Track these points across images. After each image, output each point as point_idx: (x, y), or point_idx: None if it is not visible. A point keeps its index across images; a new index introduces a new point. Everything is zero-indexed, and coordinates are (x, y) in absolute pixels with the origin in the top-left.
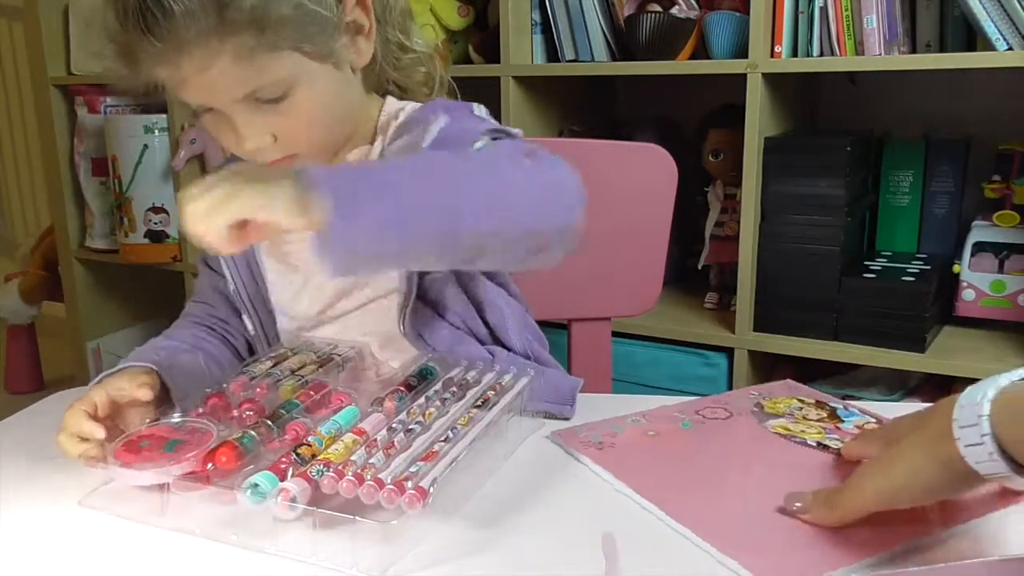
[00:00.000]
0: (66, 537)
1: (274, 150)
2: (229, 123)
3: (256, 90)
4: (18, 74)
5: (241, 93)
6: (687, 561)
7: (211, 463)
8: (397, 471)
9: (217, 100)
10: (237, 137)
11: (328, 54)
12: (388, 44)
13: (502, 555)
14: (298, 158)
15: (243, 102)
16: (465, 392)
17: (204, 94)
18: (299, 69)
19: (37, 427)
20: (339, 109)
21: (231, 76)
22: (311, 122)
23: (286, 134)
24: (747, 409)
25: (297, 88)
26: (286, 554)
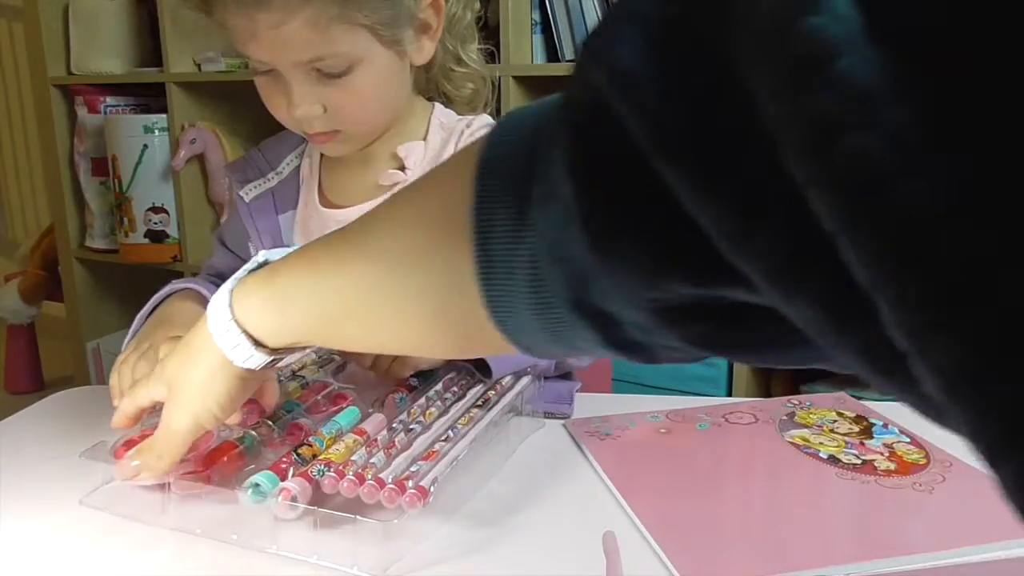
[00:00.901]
0: (67, 536)
1: (321, 121)
2: (283, 89)
3: (321, 58)
4: (18, 74)
5: (306, 57)
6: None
7: (212, 463)
8: (398, 470)
9: (280, 60)
10: (288, 103)
11: (395, 41)
12: (446, 52)
13: (503, 554)
14: (341, 135)
15: (304, 68)
16: (465, 392)
17: (270, 51)
18: (366, 48)
19: (37, 427)
20: (390, 97)
21: (301, 39)
22: (363, 102)
23: (337, 108)
24: (776, 417)
25: (359, 66)
26: (287, 553)
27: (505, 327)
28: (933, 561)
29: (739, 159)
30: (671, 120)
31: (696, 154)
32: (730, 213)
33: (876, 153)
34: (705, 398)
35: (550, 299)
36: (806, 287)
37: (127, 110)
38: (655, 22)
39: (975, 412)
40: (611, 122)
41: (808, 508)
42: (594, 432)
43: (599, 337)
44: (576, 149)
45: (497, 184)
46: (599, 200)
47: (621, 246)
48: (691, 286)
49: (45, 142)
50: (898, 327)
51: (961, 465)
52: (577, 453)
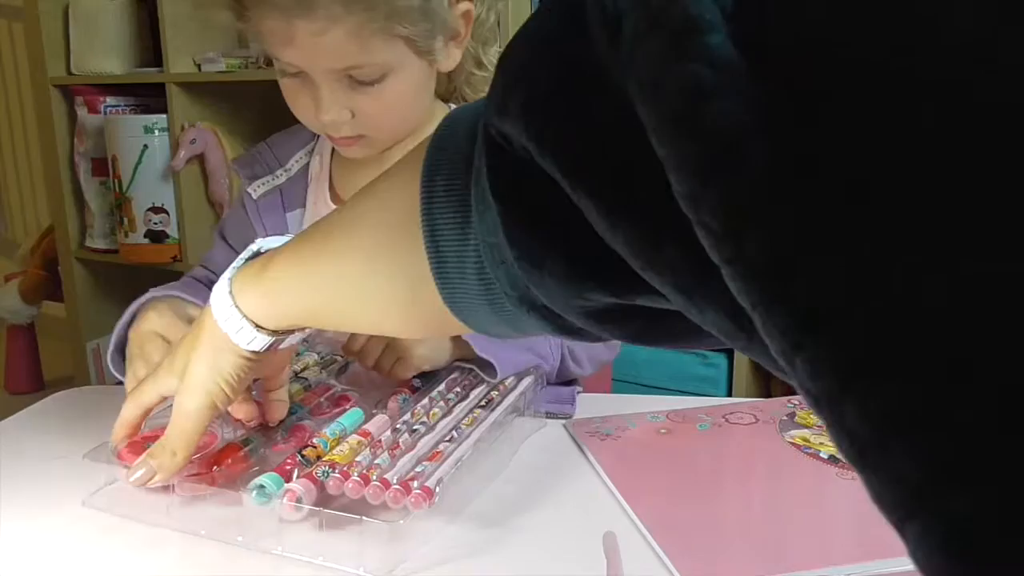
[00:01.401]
0: (69, 537)
1: (348, 126)
2: (311, 92)
3: (357, 67)
4: (18, 74)
5: (342, 65)
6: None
7: (216, 465)
8: (402, 471)
9: (315, 66)
10: (316, 107)
11: (430, 51)
12: (467, 56)
13: (505, 555)
14: (367, 139)
15: (337, 75)
16: (468, 393)
17: (306, 58)
18: (401, 58)
19: (37, 427)
20: (418, 104)
21: (340, 48)
22: (393, 109)
23: (365, 115)
24: (776, 417)
25: (392, 75)
26: (292, 555)
27: (466, 319)
28: None
29: (637, 188)
30: (576, 158)
31: (599, 186)
32: (636, 238)
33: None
34: (705, 398)
35: (499, 296)
36: (711, 298)
37: (127, 110)
38: (562, 59)
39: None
40: (528, 155)
41: (808, 508)
42: (594, 432)
43: (549, 326)
44: (498, 170)
45: (442, 186)
46: (520, 220)
47: (544, 262)
48: (610, 295)
49: (45, 142)
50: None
51: None
52: (577, 453)
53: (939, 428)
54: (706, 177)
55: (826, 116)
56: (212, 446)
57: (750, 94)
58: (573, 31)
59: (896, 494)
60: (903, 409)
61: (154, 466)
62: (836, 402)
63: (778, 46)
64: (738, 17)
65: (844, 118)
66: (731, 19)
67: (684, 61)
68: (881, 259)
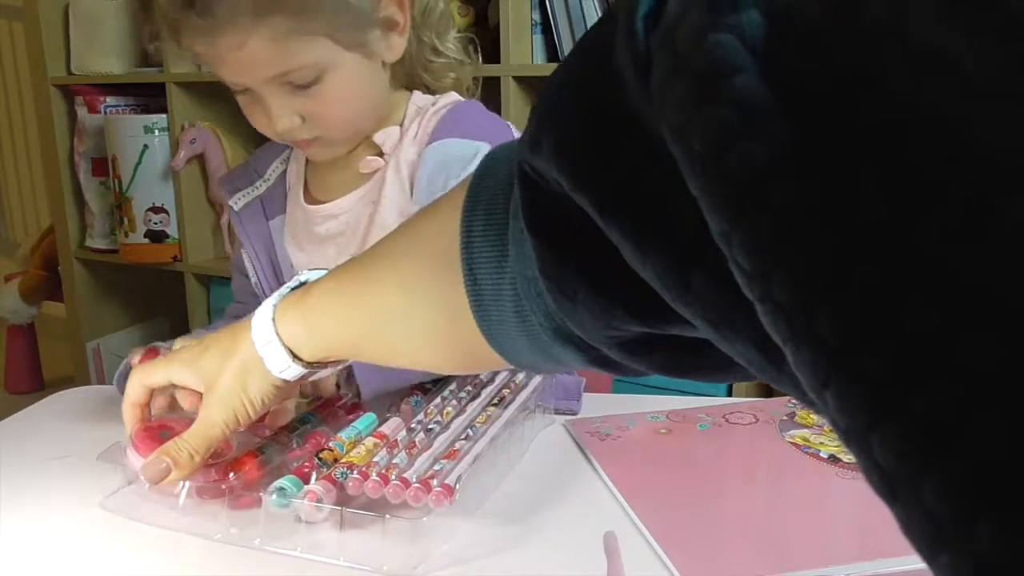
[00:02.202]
0: (71, 537)
1: (302, 131)
2: (261, 105)
3: (288, 72)
4: (18, 74)
5: (272, 73)
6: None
7: (233, 472)
8: (421, 470)
9: (250, 79)
10: (268, 118)
11: (359, 44)
12: (422, 45)
13: (510, 554)
14: (324, 139)
15: (275, 83)
16: (480, 391)
17: (238, 72)
18: (331, 56)
19: (37, 427)
20: (367, 98)
21: (264, 57)
22: (339, 107)
23: (314, 117)
24: (776, 417)
25: (328, 74)
26: (312, 556)
27: (502, 350)
28: None
29: (668, 222)
30: (608, 192)
31: (630, 220)
32: (666, 270)
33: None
34: (705, 398)
35: (534, 327)
36: (740, 330)
37: (127, 110)
38: (592, 99)
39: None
40: (562, 192)
41: (808, 508)
42: (594, 432)
43: (583, 357)
44: (532, 204)
45: (480, 221)
46: (554, 253)
47: (576, 293)
48: (641, 325)
49: (45, 142)
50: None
51: None
52: (577, 453)
53: (963, 461)
54: (733, 218)
55: (856, 153)
56: (228, 454)
57: (778, 132)
58: (603, 72)
59: (925, 528)
60: (928, 444)
61: (170, 464)
62: (864, 437)
63: (810, 82)
64: (769, 55)
65: (875, 156)
66: (762, 57)
67: (708, 105)
68: (899, 296)
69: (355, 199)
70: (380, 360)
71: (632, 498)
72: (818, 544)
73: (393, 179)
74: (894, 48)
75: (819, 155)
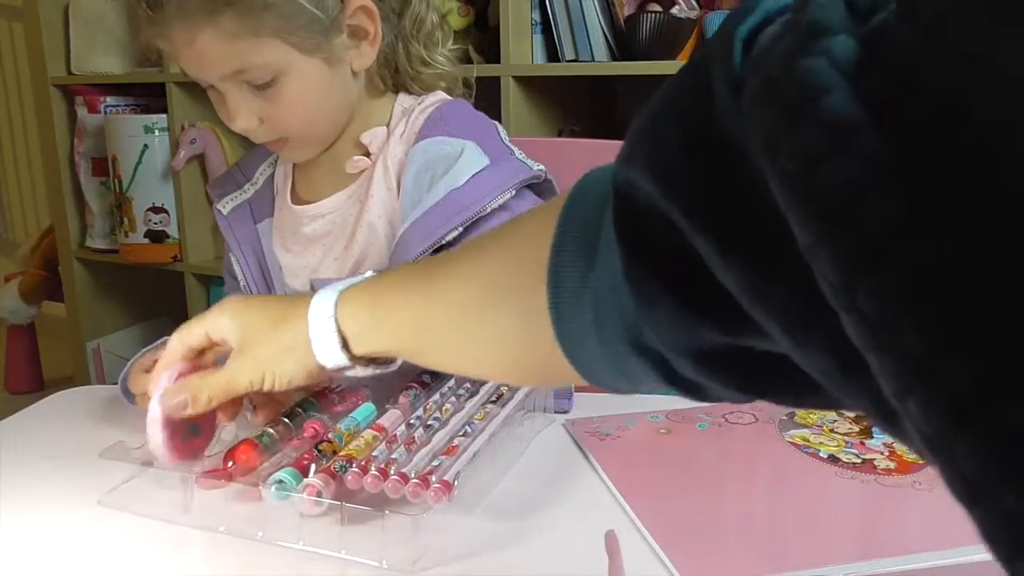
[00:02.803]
0: (73, 537)
1: (261, 132)
2: (224, 101)
3: (242, 71)
4: (18, 74)
5: (227, 71)
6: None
7: (232, 461)
8: (420, 465)
9: (206, 75)
10: (229, 114)
11: (316, 49)
12: (411, 57)
13: (527, 550)
14: (289, 141)
15: (232, 82)
16: (479, 388)
17: (193, 67)
18: (285, 58)
19: (37, 427)
20: (330, 105)
21: (215, 53)
22: (296, 112)
23: (272, 119)
24: (776, 417)
25: (284, 77)
26: (314, 549)
27: (575, 361)
28: (933, 560)
29: (753, 231)
30: (696, 200)
31: (716, 226)
32: (747, 276)
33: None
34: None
35: (612, 338)
36: (815, 338)
37: (127, 110)
38: (688, 116)
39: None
40: (651, 201)
41: (808, 508)
42: (594, 432)
43: (657, 374)
44: (622, 215)
45: (575, 231)
46: (640, 261)
47: (659, 300)
48: (720, 334)
49: (45, 142)
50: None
51: None
52: (577, 452)
53: None
54: (822, 232)
55: (950, 174)
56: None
57: (869, 148)
58: (700, 93)
59: (1009, 534)
60: (1014, 453)
61: (188, 400)
62: (946, 443)
63: (904, 103)
64: (862, 76)
65: (968, 178)
66: (853, 78)
67: (797, 127)
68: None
69: (342, 199)
70: (439, 363)
71: (632, 498)
72: (817, 544)
73: (380, 178)
74: (988, 78)
75: (912, 173)
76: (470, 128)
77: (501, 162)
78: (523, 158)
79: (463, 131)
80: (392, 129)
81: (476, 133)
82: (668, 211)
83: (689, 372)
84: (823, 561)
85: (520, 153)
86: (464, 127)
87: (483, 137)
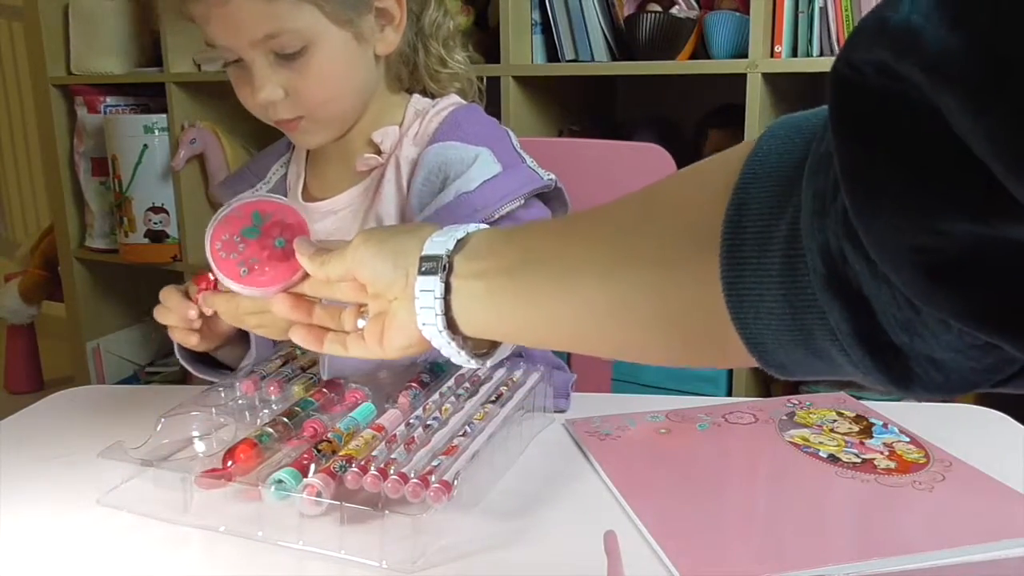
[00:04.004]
0: (73, 537)
1: (283, 106)
2: (247, 76)
3: (274, 36)
4: (18, 74)
5: (259, 35)
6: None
7: (231, 460)
8: (419, 465)
9: (236, 41)
10: (252, 87)
11: (349, 22)
12: (430, 55)
13: (526, 550)
14: (305, 121)
15: (261, 51)
16: (478, 388)
17: (224, 32)
18: (317, 27)
19: (37, 427)
20: (352, 81)
21: (251, 13)
22: (322, 84)
23: (297, 92)
24: (776, 417)
25: (314, 47)
26: (314, 548)
27: (747, 328)
28: (933, 560)
29: (1015, 81)
30: (958, 49)
31: (981, 75)
32: (1010, 126)
33: None
34: (705, 398)
35: (801, 282)
36: None
37: (127, 110)
38: None
39: None
40: (881, 71)
41: (808, 508)
42: (594, 432)
43: (849, 327)
44: (842, 106)
45: (763, 169)
46: (864, 152)
47: (890, 187)
48: (968, 220)
49: (45, 142)
50: None
51: (961, 464)
52: (577, 452)
53: None
54: None
55: None
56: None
57: None
58: None
59: None
60: None
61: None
62: None
63: None
64: None
65: None
66: None
67: None
68: None
69: (352, 195)
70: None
71: (631, 497)
72: (817, 544)
73: (392, 176)
74: None
75: None
76: (484, 134)
77: (513, 170)
78: (534, 167)
79: (477, 137)
80: (405, 130)
81: (490, 139)
82: (908, 72)
83: (895, 327)
84: (823, 561)
85: (532, 161)
86: (478, 133)
87: (496, 144)
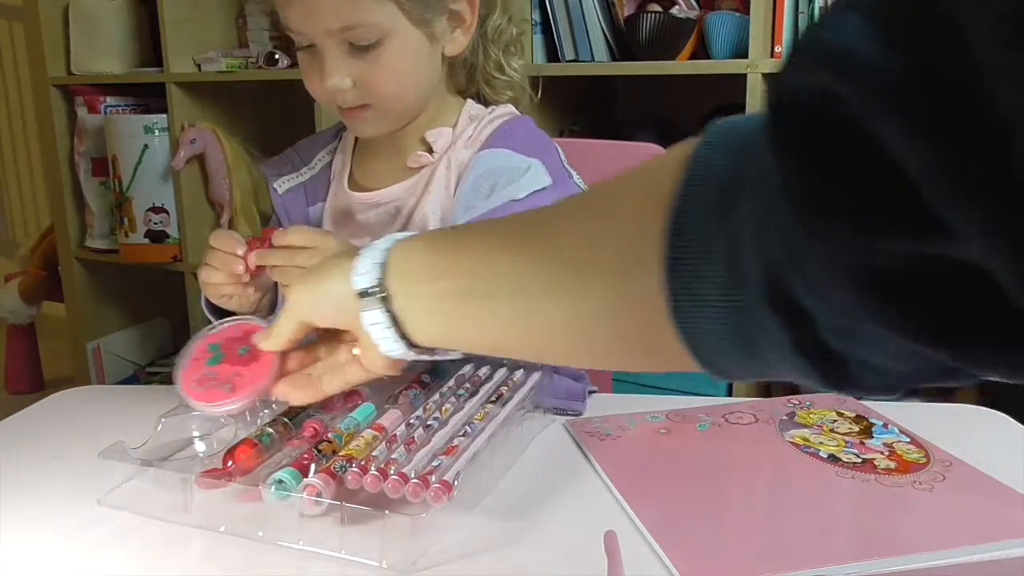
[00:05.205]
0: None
1: (351, 95)
2: (318, 63)
3: (351, 27)
4: (18, 74)
5: (337, 25)
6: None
7: (231, 460)
8: (419, 465)
9: (313, 29)
10: (321, 75)
11: (425, 22)
12: (488, 60)
13: (527, 550)
14: (369, 111)
15: (336, 40)
16: (478, 388)
17: (303, 18)
18: (395, 22)
19: (37, 427)
20: (419, 78)
21: (331, 4)
22: (391, 78)
23: (365, 83)
24: (776, 417)
25: (388, 41)
26: (314, 548)
27: (689, 334)
28: (933, 560)
29: (959, 106)
30: (893, 73)
31: (917, 101)
32: (949, 156)
33: None
34: (705, 398)
35: (742, 294)
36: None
37: (127, 110)
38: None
39: None
40: (819, 95)
41: (808, 507)
42: (594, 432)
43: (790, 337)
44: (781, 123)
45: (704, 177)
46: (810, 167)
47: (831, 207)
48: (906, 239)
49: (45, 142)
50: None
51: (961, 465)
52: (577, 452)
53: None
54: None
55: None
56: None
57: None
58: None
59: None
60: None
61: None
62: None
63: None
64: None
65: None
66: None
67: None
68: None
69: (401, 190)
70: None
71: (632, 498)
72: (817, 544)
73: (442, 175)
74: None
75: None
76: (535, 146)
77: (561, 184)
78: (580, 182)
79: (528, 148)
80: (459, 132)
81: (540, 151)
82: (848, 99)
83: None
84: (823, 561)
85: (578, 177)
86: (529, 144)
87: (547, 156)
